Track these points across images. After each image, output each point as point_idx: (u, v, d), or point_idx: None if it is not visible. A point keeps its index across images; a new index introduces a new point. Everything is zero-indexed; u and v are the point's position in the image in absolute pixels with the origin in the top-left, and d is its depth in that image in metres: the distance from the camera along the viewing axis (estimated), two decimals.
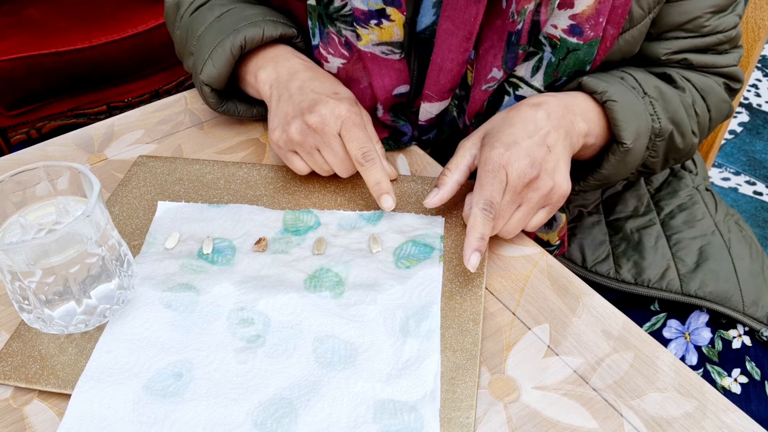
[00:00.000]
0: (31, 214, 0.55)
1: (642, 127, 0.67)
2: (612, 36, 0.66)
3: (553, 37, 0.66)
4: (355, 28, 0.69)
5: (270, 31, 0.72)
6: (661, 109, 0.69)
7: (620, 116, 0.65)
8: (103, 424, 0.50)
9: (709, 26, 0.71)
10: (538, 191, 0.61)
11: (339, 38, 0.72)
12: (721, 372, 0.73)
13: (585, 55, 0.66)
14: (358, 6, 0.68)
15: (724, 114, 0.77)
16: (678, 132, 0.71)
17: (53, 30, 1.57)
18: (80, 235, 0.51)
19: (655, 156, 0.70)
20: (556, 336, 0.57)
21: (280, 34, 0.73)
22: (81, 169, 0.53)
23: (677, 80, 0.72)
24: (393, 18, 0.68)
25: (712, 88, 0.74)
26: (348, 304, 0.58)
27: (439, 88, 0.71)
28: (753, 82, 2.41)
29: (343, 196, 0.70)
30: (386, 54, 0.71)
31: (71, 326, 0.54)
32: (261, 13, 0.74)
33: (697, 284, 0.76)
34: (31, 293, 0.51)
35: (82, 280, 0.53)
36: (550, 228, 0.77)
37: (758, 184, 2.00)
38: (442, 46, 0.68)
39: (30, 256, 0.50)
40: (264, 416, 0.51)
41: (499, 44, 0.67)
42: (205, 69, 0.72)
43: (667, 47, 0.72)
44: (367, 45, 0.70)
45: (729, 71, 0.75)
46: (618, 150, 0.67)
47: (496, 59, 0.68)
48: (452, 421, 0.50)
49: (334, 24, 0.71)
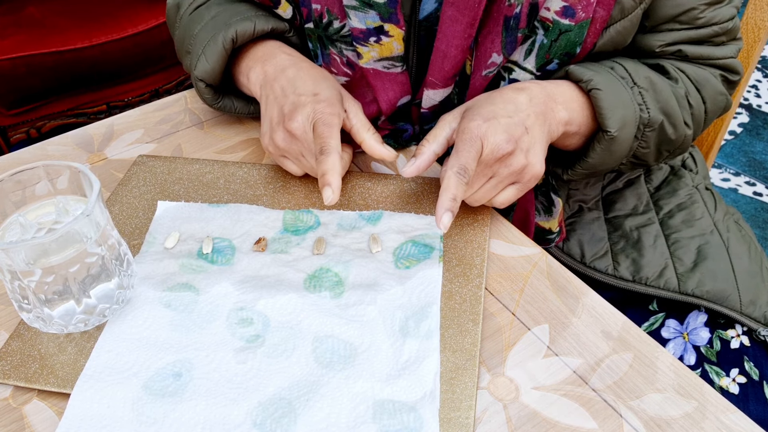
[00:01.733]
0: (30, 214, 0.55)
1: (628, 116, 0.67)
2: (602, 18, 0.66)
3: (546, 20, 0.66)
4: (355, 47, 0.70)
5: (261, 24, 0.72)
6: (652, 100, 0.69)
7: (605, 104, 0.65)
8: (102, 424, 0.50)
9: (703, 18, 0.70)
10: (510, 167, 0.62)
11: (341, 58, 0.73)
12: (719, 372, 0.73)
13: (576, 36, 0.67)
14: (356, 26, 0.69)
15: (721, 107, 0.76)
16: (669, 123, 0.70)
17: (53, 29, 1.57)
18: (80, 235, 0.51)
19: (645, 147, 0.70)
20: (556, 336, 0.57)
21: (271, 27, 0.73)
22: (81, 169, 0.53)
23: (670, 71, 0.72)
24: (392, 34, 0.69)
25: (707, 80, 0.73)
26: (347, 304, 0.58)
27: (443, 75, 0.71)
28: (753, 83, 2.41)
29: (343, 196, 0.70)
30: (388, 68, 0.72)
31: (71, 325, 0.54)
32: (253, 7, 0.75)
33: (694, 283, 0.76)
34: (31, 292, 0.51)
35: (82, 280, 0.53)
36: (550, 215, 0.78)
37: (758, 185, 2.00)
38: (447, 32, 0.68)
39: (29, 256, 0.50)
40: (263, 416, 0.51)
41: (496, 30, 0.67)
42: (199, 64, 0.72)
43: (661, 39, 0.72)
44: (369, 62, 0.71)
45: (725, 63, 0.74)
46: (603, 138, 0.67)
47: (494, 45, 0.68)
48: (452, 421, 0.50)
49: (334, 45, 0.72)
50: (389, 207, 0.69)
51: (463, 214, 0.67)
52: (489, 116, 0.62)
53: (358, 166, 0.75)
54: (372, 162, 0.76)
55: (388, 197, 0.70)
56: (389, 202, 0.69)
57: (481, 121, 0.61)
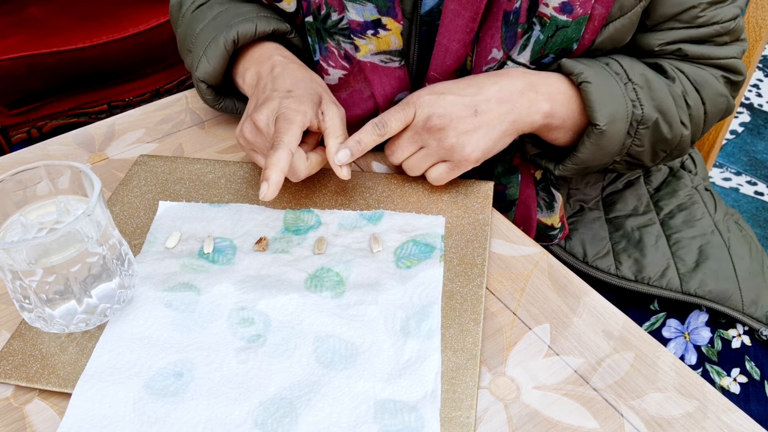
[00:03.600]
0: (32, 213, 0.55)
1: (619, 112, 0.66)
2: (600, 15, 0.66)
3: (544, 16, 0.66)
4: (353, 40, 0.70)
5: (263, 26, 0.72)
6: (646, 97, 0.68)
7: (594, 98, 0.65)
8: (103, 423, 0.50)
9: (704, 17, 0.69)
10: (439, 141, 0.65)
11: (338, 51, 0.73)
12: (720, 372, 0.73)
13: (573, 32, 0.66)
14: (353, 18, 0.69)
15: (722, 109, 0.75)
16: (665, 121, 0.70)
17: (54, 29, 1.57)
18: (81, 234, 0.51)
19: (640, 145, 0.70)
20: (557, 336, 0.57)
21: (273, 29, 0.73)
22: (82, 168, 0.53)
23: (668, 71, 0.71)
24: (389, 27, 0.69)
25: (707, 81, 0.72)
26: (348, 304, 0.58)
27: (444, 69, 0.71)
28: (754, 82, 2.41)
29: (344, 196, 0.70)
30: (385, 62, 0.72)
31: (72, 325, 0.54)
32: (255, 9, 0.75)
33: (696, 283, 0.76)
34: (32, 292, 0.52)
35: (83, 279, 0.53)
36: (552, 210, 0.79)
37: (759, 184, 2.00)
38: (449, 26, 0.68)
39: (31, 255, 0.50)
40: (264, 416, 0.51)
41: (495, 25, 0.68)
42: (201, 65, 0.73)
43: (660, 38, 0.71)
44: (366, 55, 0.71)
45: (727, 63, 0.73)
46: (593, 132, 0.66)
47: (494, 40, 0.68)
48: (453, 420, 0.50)
49: (332, 37, 0.72)
50: (390, 206, 0.69)
51: (464, 213, 0.67)
52: (438, 90, 0.65)
53: (359, 165, 0.75)
54: (373, 161, 0.76)
55: (389, 197, 0.70)
56: (390, 202, 0.69)
57: (426, 92, 0.65)
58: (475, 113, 0.64)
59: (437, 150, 0.65)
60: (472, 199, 0.69)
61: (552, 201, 0.79)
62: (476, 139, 0.65)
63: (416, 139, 0.66)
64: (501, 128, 0.65)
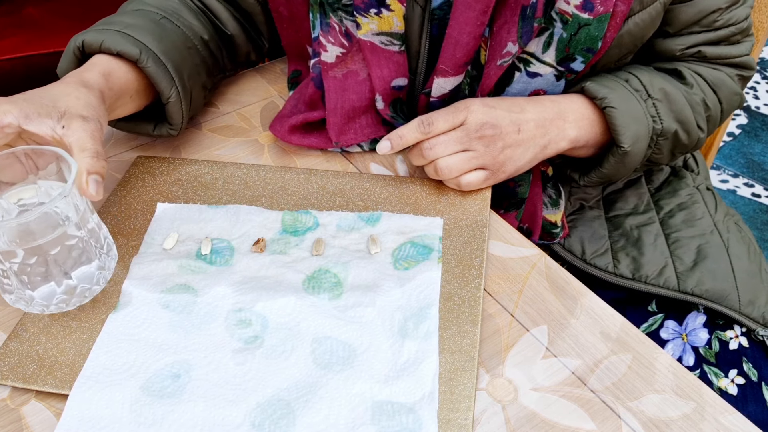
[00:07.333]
0: (12, 197, 0.56)
1: (641, 131, 0.71)
2: (622, 12, 0.67)
3: (565, 13, 0.67)
4: (355, 17, 0.70)
5: (109, 43, 0.68)
6: (665, 110, 0.72)
7: (619, 122, 0.69)
8: (100, 425, 0.50)
9: (721, 20, 0.73)
10: (487, 148, 0.67)
11: (339, 27, 0.72)
12: (717, 373, 0.73)
13: (595, 30, 0.68)
14: None
15: (735, 105, 0.80)
16: (683, 130, 0.74)
17: (52, 30, 1.57)
18: (59, 216, 0.52)
19: (659, 153, 0.74)
20: (555, 337, 0.57)
21: (117, 51, 0.68)
22: (60, 153, 0.54)
23: (687, 77, 0.75)
24: (393, 8, 0.69)
25: (723, 82, 0.76)
26: (346, 305, 0.58)
27: (454, 62, 0.71)
28: (752, 85, 2.41)
29: (342, 197, 0.70)
30: (385, 45, 0.71)
31: (52, 305, 0.55)
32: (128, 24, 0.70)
33: (694, 282, 0.76)
34: (13, 274, 0.52)
35: (63, 261, 0.54)
36: (557, 207, 0.81)
37: (756, 187, 2.00)
38: (459, 19, 0.68)
39: (11, 236, 0.51)
40: (262, 417, 0.51)
41: (512, 19, 0.68)
42: (62, 59, 0.71)
43: (681, 43, 0.75)
44: (367, 34, 0.71)
45: (741, 61, 0.78)
46: (617, 152, 0.71)
47: (510, 34, 0.68)
48: (450, 422, 0.50)
49: (335, 13, 0.72)
50: (388, 208, 0.69)
51: (462, 215, 0.67)
52: (489, 103, 0.68)
53: (356, 166, 0.75)
54: (371, 163, 0.76)
55: (387, 198, 0.70)
56: (388, 203, 0.69)
57: (478, 102, 0.67)
58: (519, 131, 0.68)
59: (483, 155, 0.67)
60: (469, 201, 0.69)
61: (558, 198, 0.81)
62: (518, 154, 0.69)
63: (464, 141, 0.67)
64: (534, 150, 0.70)
